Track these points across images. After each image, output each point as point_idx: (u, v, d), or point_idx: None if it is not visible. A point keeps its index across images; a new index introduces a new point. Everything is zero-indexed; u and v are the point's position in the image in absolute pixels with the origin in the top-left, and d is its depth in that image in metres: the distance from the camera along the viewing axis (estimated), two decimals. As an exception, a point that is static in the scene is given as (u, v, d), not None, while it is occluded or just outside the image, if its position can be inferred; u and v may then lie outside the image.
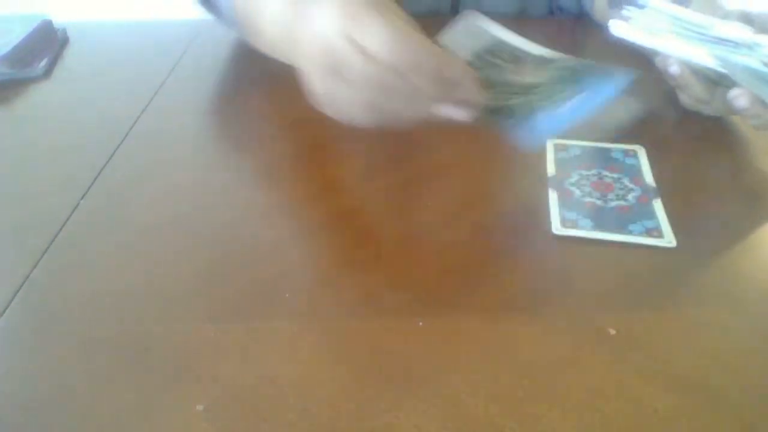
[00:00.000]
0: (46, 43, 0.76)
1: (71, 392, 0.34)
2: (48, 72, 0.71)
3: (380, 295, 0.41)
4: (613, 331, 0.38)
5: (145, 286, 0.41)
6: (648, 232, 0.46)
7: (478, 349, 0.37)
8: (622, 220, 0.47)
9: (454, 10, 0.88)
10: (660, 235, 0.45)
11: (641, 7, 0.56)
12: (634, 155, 0.54)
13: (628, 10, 0.57)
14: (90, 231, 0.46)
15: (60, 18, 0.81)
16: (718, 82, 0.52)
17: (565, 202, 0.49)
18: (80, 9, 0.95)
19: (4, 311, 0.40)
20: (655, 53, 0.55)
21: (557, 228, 0.46)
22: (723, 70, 0.51)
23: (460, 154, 0.56)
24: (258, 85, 0.69)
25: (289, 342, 0.37)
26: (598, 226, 0.46)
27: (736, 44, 0.51)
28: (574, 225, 0.46)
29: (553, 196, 0.49)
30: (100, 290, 0.41)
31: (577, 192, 0.50)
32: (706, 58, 0.51)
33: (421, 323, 0.38)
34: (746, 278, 0.42)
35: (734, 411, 0.33)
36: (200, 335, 0.38)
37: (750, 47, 0.51)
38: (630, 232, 0.46)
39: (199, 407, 0.33)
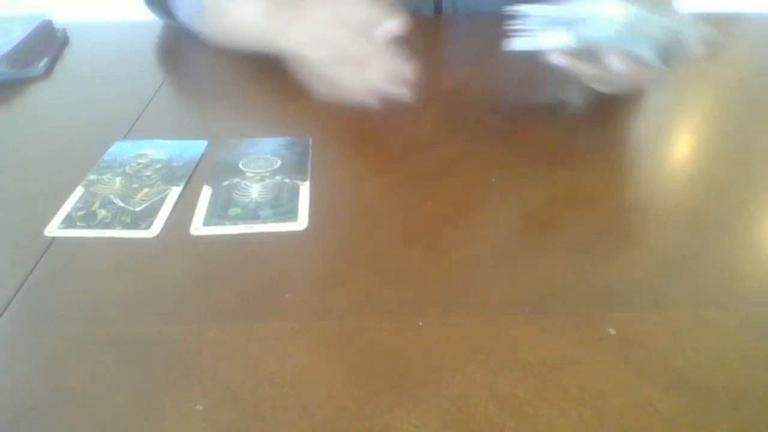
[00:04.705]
0: (46, 43, 0.76)
1: (71, 392, 0.34)
2: (48, 72, 0.71)
3: (380, 295, 0.41)
4: (613, 331, 0.38)
5: (145, 286, 0.41)
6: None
7: (478, 349, 0.37)
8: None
9: (437, 10, 0.87)
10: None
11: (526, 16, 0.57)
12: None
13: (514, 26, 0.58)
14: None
15: (60, 18, 0.81)
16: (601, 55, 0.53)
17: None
18: (80, 9, 0.95)
19: (4, 311, 0.40)
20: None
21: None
22: (587, 46, 0.53)
23: (461, 153, 0.55)
24: (257, 84, 0.69)
25: (289, 342, 0.37)
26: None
27: (587, 20, 0.53)
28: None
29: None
30: (100, 290, 0.41)
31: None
32: (568, 40, 0.53)
33: (421, 323, 0.38)
34: (746, 278, 0.42)
35: (734, 411, 0.33)
36: (200, 335, 0.38)
37: (603, 18, 0.52)
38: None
39: (199, 407, 0.33)
